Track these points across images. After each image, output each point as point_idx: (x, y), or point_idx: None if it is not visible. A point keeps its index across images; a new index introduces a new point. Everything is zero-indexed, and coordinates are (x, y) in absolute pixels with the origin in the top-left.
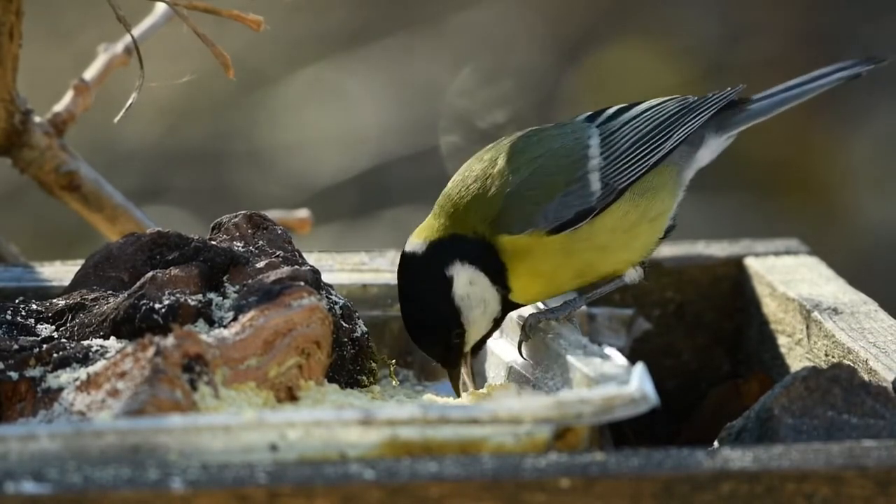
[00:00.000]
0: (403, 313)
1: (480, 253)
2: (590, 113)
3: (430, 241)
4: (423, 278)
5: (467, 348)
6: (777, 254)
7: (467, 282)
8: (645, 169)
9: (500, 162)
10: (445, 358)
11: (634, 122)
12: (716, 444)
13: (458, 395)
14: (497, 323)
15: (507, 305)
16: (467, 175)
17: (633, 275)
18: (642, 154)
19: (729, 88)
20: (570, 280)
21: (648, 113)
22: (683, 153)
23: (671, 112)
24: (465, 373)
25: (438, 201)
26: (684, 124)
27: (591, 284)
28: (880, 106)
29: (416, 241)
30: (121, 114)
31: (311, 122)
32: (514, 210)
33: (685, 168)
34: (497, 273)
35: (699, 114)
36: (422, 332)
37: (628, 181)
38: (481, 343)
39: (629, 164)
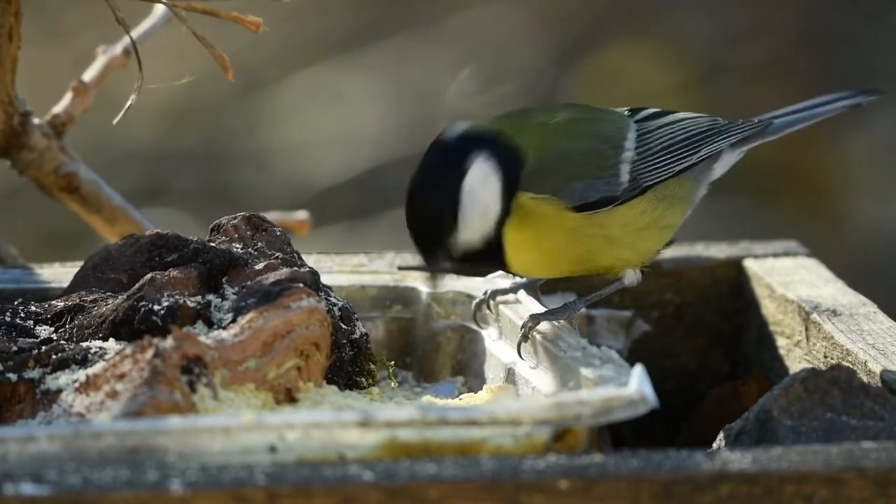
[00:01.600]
0: (411, 181)
1: (508, 161)
2: (629, 108)
3: (474, 125)
4: (446, 154)
5: (452, 247)
6: (776, 255)
7: (483, 177)
8: (670, 174)
9: (570, 116)
10: (427, 246)
11: (669, 127)
12: (715, 445)
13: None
14: (483, 254)
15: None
16: (536, 109)
17: (632, 277)
18: (672, 159)
19: (756, 120)
20: (566, 262)
21: (683, 123)
22: (703, 168)
23: (703, 128)
24: (439, 274)
25: (499, 115)
26: (712, 143)
27: (590, 286)
28: (880, 108)
29: (462, 124)
30: (119, 115)
31: (310, 123)
32: (547, 170)
33: (701, 183)
34: (509, 190)
35: (726, 137)
36: (418, 208)
37: (654, 181)
38: (467, 265)
39: (658, 165)
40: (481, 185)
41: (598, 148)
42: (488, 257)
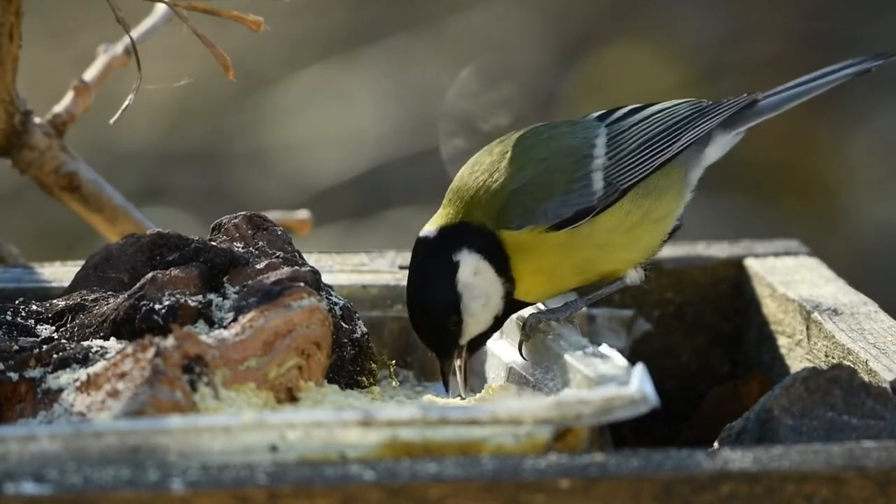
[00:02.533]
0: (407, 295)
1: (487, 244)
2: (602, 111)
3: (441, 227)
4: (430, 261)
5: (462, 340)
6: (777, 255)
7: (472, 270)
8: (650, 170)
9: (508, 157)
10: (439, 346)
11: (644, 122)
12: (716, 444)
13: (446, 390)
14: (498, 322)
15: (511, 304)
16: (476, 167)
17: (634, 276)
18: (649, 155)
19: (745, 95)
20: (572, 277)
21: (660, 115)
22: (692, 154)
23: (683, 115)
24: (457, 368)
25: (449, 190)
26: (695, 127)
27: (593, 285)
28: (880, 106)
29: (429, 228)
30: (117, 115)
31: (311, 123)
32: (516, 206)
33: (693, 168)
34: (502, 266)
35: (711, 118)
36: (420, 314)
37: (632, 181)
38: (480, 341)
39: (634, 164)
40: (472, 277)
41: (562, 164)
42: (500, 323)
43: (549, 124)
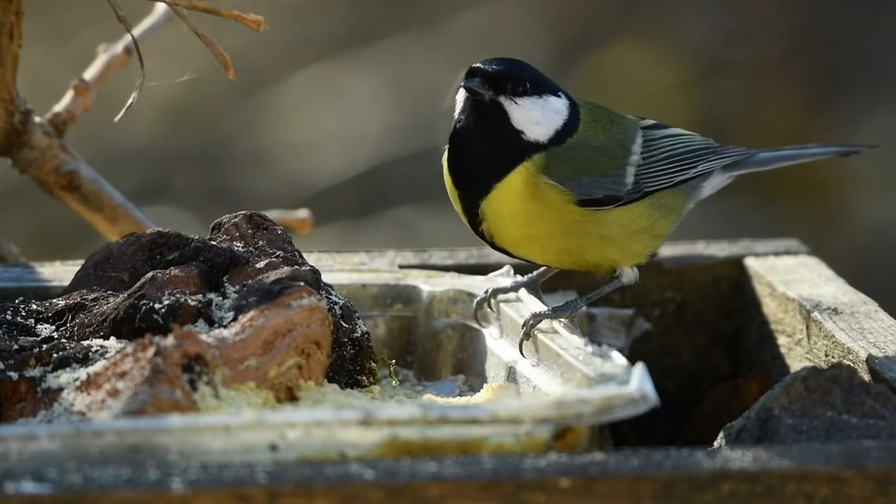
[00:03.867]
0: None
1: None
2: (634, 116)
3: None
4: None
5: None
6: (777, 254)
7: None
8: (670, 184)
9: (597, 114)
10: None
11: (671, 139)
12: (716, 444)
13: None
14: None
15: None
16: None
17: (630, 275)
18: (673, 169)
19: (745, 149)
20: (553, 253)
21: (682, 137)
22: (695, 186)
23: (700, 146)
24: None
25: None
26: (707, 161)
27: (591, 285)
28: (880, 106)
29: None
30: (121, 113)
31: (311, 122)
32: (567, 161)
33: (691, 199)
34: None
35: (719, 158)
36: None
37: (655, 188)
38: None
39: (661, 172)
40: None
41: (612, 148)
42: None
43: (609, 108)
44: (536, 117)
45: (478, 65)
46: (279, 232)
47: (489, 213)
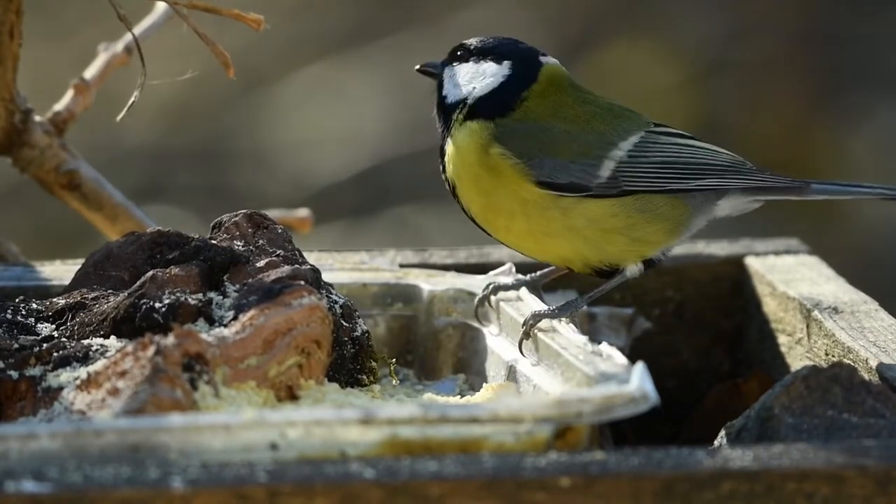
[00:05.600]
0: None
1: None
2: (655, 121)
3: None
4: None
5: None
6: (777, 253)
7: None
8: (660, 189)
9: (568, 97)
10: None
11: (678, 147)
12: (716, 443)
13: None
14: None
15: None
16: (582, 94)
17: (633, 270)
18: (666, 175)
19: (788, 178)
20: (515, 235)
21: (696, 149)
22: (705, 200)
23: (718, 162)
24: None
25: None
26: (721, 178)
27: (592, 284)
28: (880, 106)
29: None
30: (123, 112)
31: (312, 121)
32: (528, 138)
33: (699, 214)
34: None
35: (741, 179)
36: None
37: (635, 188)
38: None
39: (648, 175)
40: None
41: (586, 136)
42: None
43: (612, 103)
44: (459, 80)
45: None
46: (279, 231)
47: (449, 174)
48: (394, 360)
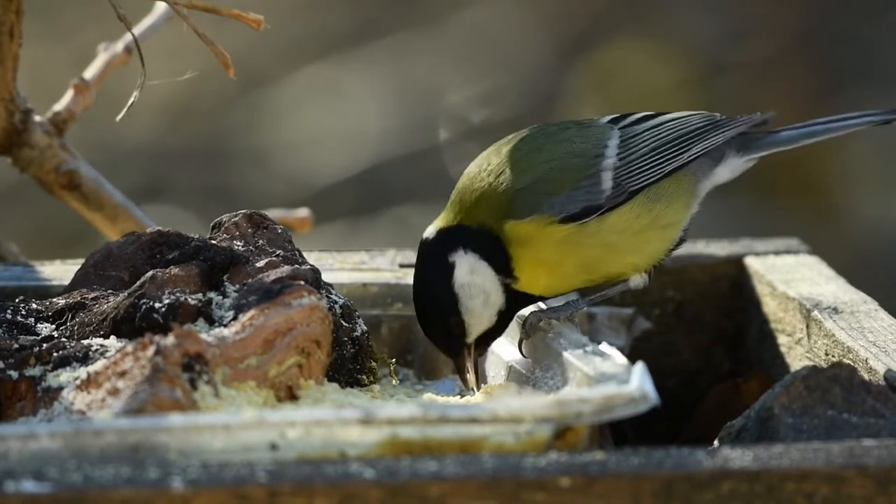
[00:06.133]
0: (413, 297)
1: (484, 243)
2: (614, 115)
3: (439, 229)
4: (428, 263)
5: (468, 339)
6: (777, 253)
7: (468, 270)
8: (660, 175)
9: (516, 158)
10: (447, 347)
11: (657, 129)
12: (716, 443)
13: (466, 387)
14: (504, 318)
15: (514, 299)
16: (483, 167)
17: (638, 281)
18: (660, 160)
19: (758, 114)
20: (575, 275)
21: (672, 123)
22: (703, 166)
23: (695, 125)
24: (469, 368)
25: (455, 190)
26: (706, 139)
27: (597, 286)
28: (880, 106)
29: (430, 229)
30: (123, 112)
31: (311, 121)
32: (523, 201)
33: (702, 181)
34: (502, 263)
35: (723, 131)
36: (423, 316)
37: (640, 184)
38: (487, 339)
39: (644, 167)
40: (469, 276)
41: (570, 162)
42: (507, 318)
43: (560, 124)
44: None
45: None
46: (279, 231)
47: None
48: (394, 360)
